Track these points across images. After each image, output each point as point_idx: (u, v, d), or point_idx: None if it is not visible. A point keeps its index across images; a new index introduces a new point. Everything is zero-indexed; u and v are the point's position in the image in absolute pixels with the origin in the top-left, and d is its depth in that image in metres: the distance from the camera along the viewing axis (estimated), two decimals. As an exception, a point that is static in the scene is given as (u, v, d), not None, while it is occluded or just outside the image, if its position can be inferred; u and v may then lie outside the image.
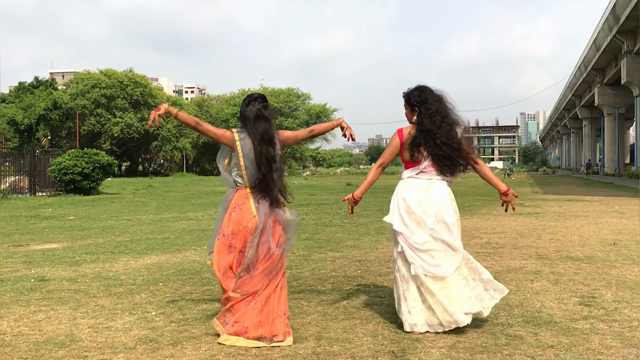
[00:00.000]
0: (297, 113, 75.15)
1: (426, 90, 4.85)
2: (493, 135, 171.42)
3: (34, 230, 12.35)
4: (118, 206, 19.62)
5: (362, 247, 9.22)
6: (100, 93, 64.73)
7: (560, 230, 11.14)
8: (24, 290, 6.20)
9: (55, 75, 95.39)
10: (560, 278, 6.54)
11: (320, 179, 54.39)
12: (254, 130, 4.49)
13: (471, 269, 4.76)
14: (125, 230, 12.15)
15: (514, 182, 39.71)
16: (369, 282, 6.44)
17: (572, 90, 73.66)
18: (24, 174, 27.55)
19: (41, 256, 8.67)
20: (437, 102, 4.80)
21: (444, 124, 4.73)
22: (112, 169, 29.55)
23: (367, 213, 15.46)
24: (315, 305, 5.40)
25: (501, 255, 8.20)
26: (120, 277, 6.94)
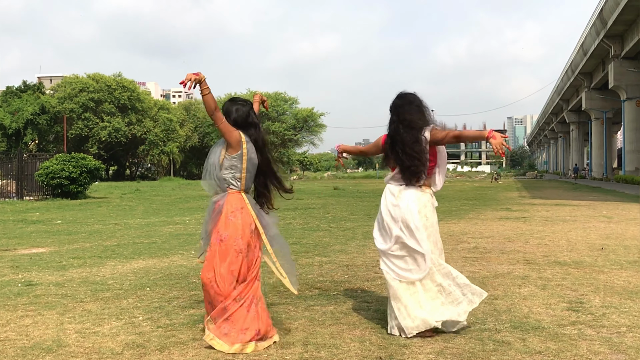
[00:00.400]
0: (284, 117, 75.08)
1: (401, 96, 4.92)
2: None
3: (21, 235, 12.27)
4: (105, 210, 19.52)
5: (350, 251, 9.22)
6: (88, 97, 64.41)
7: (548, 235, 11.19)
8: (11, 295, 6.15)
9: (43, 79, 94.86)
10: (548, 283, 6.57)
11: (308, 183, 54.37)
12: (262, 135, 4.61)
13: (445, 275, 4.71)
14: (113, 235, 12.09)
15: (501, 187, 39.89)
16: (356, 287, 6.44)
17: (560, 94, 74.14)
18: (11, 178, 27.37)
19: (28, 261, 8.61)
20: (406, 108, 4.83)
21: (407, 131, 4.76)
22: (99, 173, 29.42)
23: (354, 217, 15.48)
24: (302, 310, 5.39)
25: (489, 260, 8.23)
26: (107, 281, 6.90)
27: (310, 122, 75.95)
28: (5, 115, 60.05)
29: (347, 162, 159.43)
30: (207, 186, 4.61)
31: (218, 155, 4.51)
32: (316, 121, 76.38)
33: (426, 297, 4.61)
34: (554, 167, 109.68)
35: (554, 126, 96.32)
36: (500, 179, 58.21)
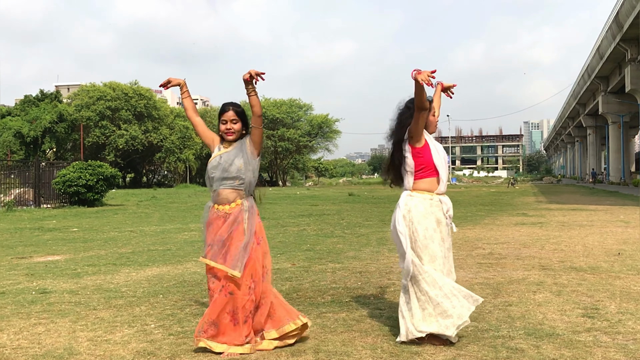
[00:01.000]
0: (299, 124, 75.21)
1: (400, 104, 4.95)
2: (497, 144, 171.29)
3: (38, 242, 12.35)
4: (121, 218, 19.61)
5: (363, 258, 9.19)
6: (105, 105, 64.89)
7: (564, 240, 11.09)
8: (25, 303, 6.18)
9: (60, 88, 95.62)
10: (564, 289, 6.50)
11: (323, 189, 54.35)
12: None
13: (430, 283, 4.49)
14: (128, 242, 12.14)
15: (518, 192, 39.65)
16: (369, 294, 6.40)
17: (576, 98, 73.62)
18: (29, 186, 27.61)
19: (43, 268, 8.66)
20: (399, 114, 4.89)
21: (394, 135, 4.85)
22: (116, 180, 29.55)
23: (368, 224, 15.44)
24: (314, 317, 5.36)
25: (503, 266, 8.16)
26: (120, 289, 6.92)
27: (325, 128, 76.01)
28: (24, 124, 60.60)
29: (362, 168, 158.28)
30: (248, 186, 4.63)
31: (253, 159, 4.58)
32: (331, 127, 76.44)
33: (417, 306, 4.51)
34: (571, 171, 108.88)
35: (570, 130, 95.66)
36: (517, 184, 57.89)
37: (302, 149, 76.68)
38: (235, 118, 4.51)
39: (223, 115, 4.53)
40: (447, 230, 4.69)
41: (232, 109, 4.53)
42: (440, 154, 4.76)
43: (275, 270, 8.01)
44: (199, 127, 4.58)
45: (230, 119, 4.51)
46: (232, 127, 4.51)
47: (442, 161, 4.76)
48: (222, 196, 4.48)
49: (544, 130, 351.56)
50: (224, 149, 4.53)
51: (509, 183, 58.15)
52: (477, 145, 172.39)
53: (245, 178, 4.49)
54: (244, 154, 4.50)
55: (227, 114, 4.51)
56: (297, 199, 31.82)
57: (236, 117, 4.52)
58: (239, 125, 4.54)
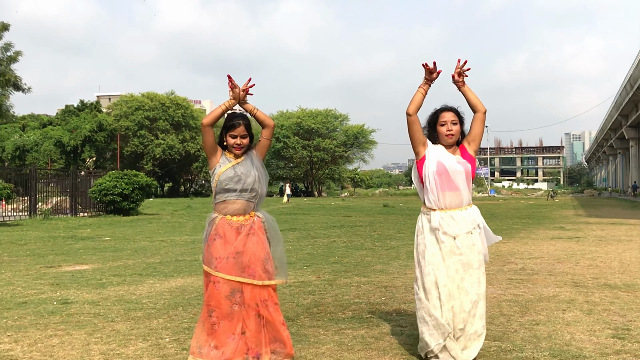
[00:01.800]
0: (334, 134, 75.17)
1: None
2: (537, 156, 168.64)
3: (69, 251, 12.45)
4: (155, 227, 19.74)
5: (390, 272, 9.01)
6: (143, 115, 65.83)
7: (600, 256, 10.75)
8: (44, 314, 6.18)
9: (102, 98, 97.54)
10: (595, 308, 6.24)
11: (358, 200, 54.13)
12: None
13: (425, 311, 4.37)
14: (157, 252, 12.16)
15: (557, 205, 38.90)
16: (391, 310, 6.23)
17: (618, 109, 72.11)
18: (67, 194, 28.04)
19: (70, 278, 8.69)
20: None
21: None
22: (151, 189, 29.85)
23: (400, 236, 15.22)
24: (332, 334, 5.23)
25: (534, 282, 7.91)
26: (142, 300, 6.88)
27: (361, 138, 75.76)
28: (64, 133, 61.78)
29: (399, 179, 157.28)
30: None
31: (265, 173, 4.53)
32: (367, 138, 76.15)
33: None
34: (613, 184, 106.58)
35: (612, 142, 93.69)
36: (557, 197, 56.84)
37: (337, 159, 76.55)
38: (245, 133, 4.38)
39: (233, 130, 4.36)
40: (451, 248, 4.40)
41: (242, 123, 4.38)
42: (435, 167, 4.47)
43: (299, 284, 7.91)
44: (212, 137, 4.45)
45: (241, 134, 4.36)
46: (242, 142, 4.37)
47: (433, 175, 4.46)
48: (235, 207, 4.33)
49: (586, 142, 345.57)
50: (234, 161, 4.40)
51: (548, 195, 57.16)
52: (516, 157, 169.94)
53: (259, 191, 4.38)
54: (255, 167, 4.39)
55: (238, 130, 4.35)
56: (330, 209, 31.71)
57: (246, 132, 4.38)
58: (247, 139, 4.40)
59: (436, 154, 4.51)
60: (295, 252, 11.66)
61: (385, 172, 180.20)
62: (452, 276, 4.34)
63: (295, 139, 72.15)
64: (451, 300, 4.29)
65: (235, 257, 4.23)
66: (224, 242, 4.28)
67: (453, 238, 4.38)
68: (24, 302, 6.80)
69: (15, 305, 6.62)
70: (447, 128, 4.53)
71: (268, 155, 71.57)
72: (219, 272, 4.23)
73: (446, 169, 4.45)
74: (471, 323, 4.31)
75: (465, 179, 4.48)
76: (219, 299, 4.19)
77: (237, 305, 4.17)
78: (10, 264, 10.51)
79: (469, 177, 4.51)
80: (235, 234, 4.29)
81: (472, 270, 4.38)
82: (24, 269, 9.72)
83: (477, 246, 4.44)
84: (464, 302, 4.31)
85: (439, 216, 4.42)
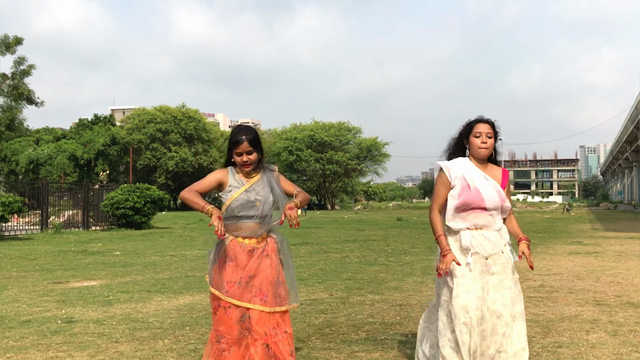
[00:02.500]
0: (347, 147, 75.00)
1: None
2: (551, 169, 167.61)
3: (78, 267, 12.29)
4: (166, 241, 19.58)
5: (405, 289, 8.74)
6: (155, 128, 65.99)
7: (621, 272, 10.43)
8: (47, 333, 5.97)
9: (116, 112, 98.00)
10: (620, 329, 5.96)
11: (371, 213, 53.81)
12: None
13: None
14: (167, 267, 11.97)
15: (573, 218, 38.44)
16: (407, 331, 5.97)
17: (634, 122, 71.51)
18: (79, 208, 27.99)
19: (77, 295, 8.50)
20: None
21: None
22: (163, 203, 29.74)
23: (414, 251, 14.95)
24: (345, 357, 4.98)
25: (555, 301, 7.62)
26: (148, 319, 6.67)
27: (374, 151, 75.53)
28: (78, 147, 62.02)
29: (413, 192, 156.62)
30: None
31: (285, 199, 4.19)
32: (380, 150, 75.91)
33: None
34: (629, 197, 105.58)
35: (628, 155, 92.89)
36: (572, 210, 56.24)
37: (350, 172, 76.32)
38: (249, 149, 4.03)
39: (237, 147, 4.03)
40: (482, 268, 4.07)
41: (245, 139, 4.03)
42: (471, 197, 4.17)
43: (310, 301, 7.67)
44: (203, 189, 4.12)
45: (246, 150, 4.02)
46: (249, 159, 4.03)
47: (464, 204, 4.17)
48: (248, 230, 4.02)
49: (601, 155, 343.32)
50: (247, 183, 4.07)
51: (564, 209, 56.56)
52: (531, 170, 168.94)
53: (272, 216, 4.08)
54: (274, 191, 4.08)
55: (242, 146, 4.01)
56: (343, 223, 31.44)
57: (250, 147, 4.04)
58: (254, 155, 4.06)
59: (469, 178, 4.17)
60: (308, 268, 11.42)
61: (399, 185, 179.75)
62: (484, 298, 4.05)
63: (308, 152, 72.04)
64: (483, 323, 3.99)
65: (247, 280, 3.93)
66: (234, 265, 3.97)
67: (485, 258, 4.09)
68: (27, 321, 6.60)
69: (19, 324, 6.43)
70: (482, 140, 4.20)
71: (281, 169, 71.52)
72: (229, 297, 3.90)
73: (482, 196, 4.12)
74: (509, 345, 3.98)
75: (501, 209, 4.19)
76: (230, 325, 3.88)
77: (247, 332, 3.90)
78: (18, 279, 10.35)
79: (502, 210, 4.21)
80: (247, 257, 3.98)
81: (503, 290, 4.05)
82: (31, 285, 9.55)
83: (510, 263, 4.15)
84: (496, 325, 3.99)
85: (470, 235, 4.14)
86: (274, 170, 4.21)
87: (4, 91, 37.26)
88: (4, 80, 37.22)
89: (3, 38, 36.21)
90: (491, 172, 4.29)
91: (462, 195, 4.09)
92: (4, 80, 37.22)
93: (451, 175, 4.17)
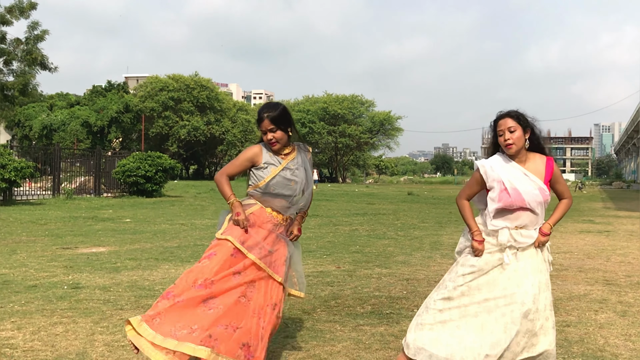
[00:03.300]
0: (360, 120, 74.65)
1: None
2: (565, 147, 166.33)
3: (87, 233, 12.32)
4: (177, 209, 19.61)
5: (413, 263, 8.69)
6: (167, 96, 65.88)
7: (632, 252, 10.33)
8: (53, 299, 5.98)
9: (129, 79, 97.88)
10: (629, 309, 5.88)
11: (382, 187, 53.70)
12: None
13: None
14: (176, 235, 11.97)
15: (585, 197, 38.18)
16: (413, 305, 5.92)
17: (651, 101, 70.60)
18: (91, 174, 28.10)
19: (84, 260, 8.52)
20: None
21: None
22: (175, 172, 29.77)
23: (424, 225, 14.88)
24: (349, 330, 4.95)
25: (564, 279, 7.55)
26: (154, 287, 6.66)
27: (387, 125, 75.19)
28: (91, 113, 62.07)
29: (425, 167, 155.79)
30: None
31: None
32: (393, 124, 75.55)
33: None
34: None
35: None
36: (585, 189, 55.89)
37: (362, 145, 76.08)
38: (272, 127, 3.87)
39: (260, 125, 3.92)
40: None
41: (267, 116, 3.88)
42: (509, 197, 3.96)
43: (317, 273, 7.65)
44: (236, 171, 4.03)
45: (268, 128, 3.88)
46: (274, 137, 3.88)
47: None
48: (277, 204, 3.90)
49: (615, 134, 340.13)
50: (282, 161, 3.93)
51: (576, 187, 56.21)
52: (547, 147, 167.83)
53: (306, 196, 3.98)
54: (308, 172, 3.99)
55: (264, 124, 3.89)
56: (354, 196, 31.39)
57: (273, 125, 3.87)
58: (279, 133, 3.89)
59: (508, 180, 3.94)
60: (316, 240, 11.39)
61: (411, 159, 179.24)
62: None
63: (320, 124, 71.81)
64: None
65: (269, 251, 3.81)
66: (256, 230, 3.82)
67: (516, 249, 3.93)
68: (33, 286, 6.62)
69: (25, 289, 6.43)
70: (505, 137, 3.97)
71: (293, 140, 71.34)
72: (252, 254, 3.72)
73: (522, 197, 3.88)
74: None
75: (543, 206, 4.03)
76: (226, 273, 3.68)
77: (243, 298, 3.77)
78: (28, 244, 10.39)
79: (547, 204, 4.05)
80: (271, 229, 3.87)
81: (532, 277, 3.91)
82: (39, 250, 9.58)
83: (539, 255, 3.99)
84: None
85: (508, 233, 3.91)
86: (309, 151, 4.13)
87: (18, 56, 37.11)
88: (18, 45, 37.05)
89: (17, 2, 36.02)
90: (533, 164, 4.07)
91: (502, 200, 3.94)
92: (18, 45, 37.05)
93: (488, 177, 4.01)
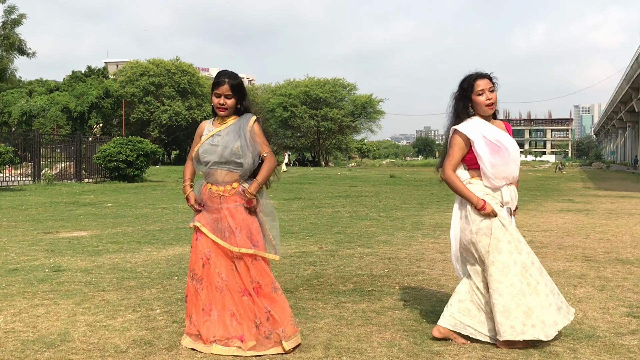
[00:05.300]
0: (342, 104, 74.47)
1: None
2: (545, 129, 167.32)
3: (69, 217, 12.25)
4: (159, 194, 19.54)
5: (395, 243, 8.75)
6: (148, 81, 65.20)
7: (610, 230, 10.46)
8: (34, 281, 5.95)
9: (109, 65, 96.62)
10: (607, 284, 5.97)
11: (365, 170, 53.81)
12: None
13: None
14: (158, 219, 11.94)
15: (565, 177, 38.52)
16: (394, 283, 5.97)
17: (629, 82, 71.11)
18: (72, 160, 27.88)
19: (66, 244, 8.48)
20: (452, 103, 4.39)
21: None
22: (156, 157, 29.62)
23: (406, 207, 14.96)
24: (331, 307, 4.98)
25: (544, 256, 7.64)
26: (136, 269, 6.65)
27: (369, 108, 75.06)
28: (71, 99, 61.40)
29: (407, 150, 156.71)
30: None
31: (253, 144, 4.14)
32: (374, 107, 75.43)
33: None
34: (621, 157, 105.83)
35: (622, 115, 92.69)
36: (565, 169, 56.37)
37: (345, 129, 75.95)
38: (229, 93, 3.98)
39: (217, 88, 3.99)
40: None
41: (227, 82, 3.98)
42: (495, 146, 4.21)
43: (300, 254, 7.67)
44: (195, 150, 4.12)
45: (225, 93, 3.98)
46: (226, 102, 3.99)
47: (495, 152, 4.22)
48: (216, 177, 4.00)
49: (595, 115, 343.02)
50: (215, 129, 4.04)
51: (556, 168, 56.65)
52: (525, 129, 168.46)
53: (243, 163, 3.97)
54: (241, 137, 3.98)
55: (222, 88, 3.98)
56: (337, 179, 31.44)
57: (230, 91, 3.99)
58: (232, 101, 4.01)
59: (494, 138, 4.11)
60: (299, 222, 11.41)
61: (393, 143, 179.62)
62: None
63: (302, 108, 71.54)
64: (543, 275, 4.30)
65: (215, 224, 4.00)
66: (207, 208, 4.07)
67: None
68: (14, 269, 6.57)
69: (6, 272, 6.39)
70: (487, 97, 4.10)
71: (275, 125, 71.12)
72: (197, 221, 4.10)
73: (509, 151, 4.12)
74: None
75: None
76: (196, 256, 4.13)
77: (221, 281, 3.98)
78: (8, 229, 10.31)
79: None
80: (216, 203, 4.01)
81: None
82: (20, 235, 9.52)
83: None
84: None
85: (508, 190, 4.16)
86: (251, 118, 4.08)
87: (-5, 41, 36.72)
88: (-5, 30, 36.63)
89: (-8, -14, 35.56)
90: (499, 127, 4.23)
91: (498, 155, 4.07)
92: (-5, 30, 36.63)
93: (470, 136, 4.09)
